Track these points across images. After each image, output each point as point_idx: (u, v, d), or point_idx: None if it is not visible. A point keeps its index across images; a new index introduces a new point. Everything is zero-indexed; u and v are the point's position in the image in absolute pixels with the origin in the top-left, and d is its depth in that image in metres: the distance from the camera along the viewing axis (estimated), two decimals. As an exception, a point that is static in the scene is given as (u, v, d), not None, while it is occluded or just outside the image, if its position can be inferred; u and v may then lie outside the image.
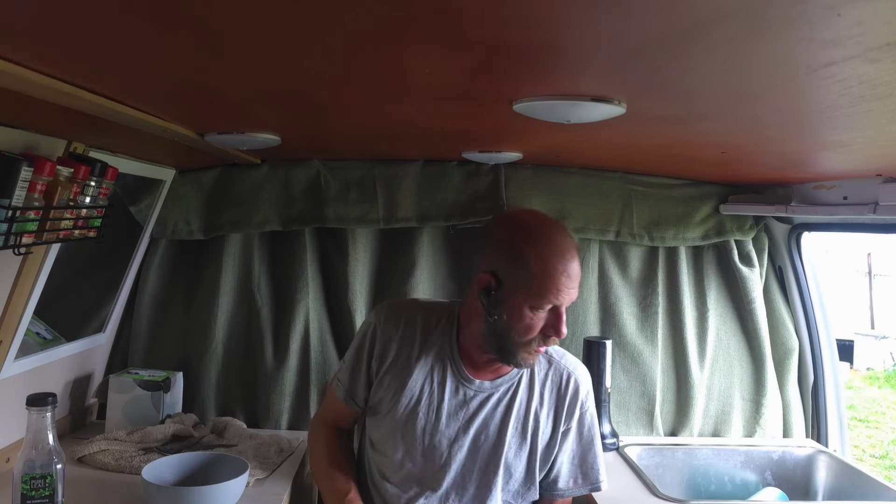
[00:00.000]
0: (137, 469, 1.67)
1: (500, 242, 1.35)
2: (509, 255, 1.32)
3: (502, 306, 1.33)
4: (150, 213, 2.09)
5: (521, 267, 1.30)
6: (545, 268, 1.29)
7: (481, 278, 1.34)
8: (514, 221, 1.40)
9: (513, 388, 1.48)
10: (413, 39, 0.78)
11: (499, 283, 1.33)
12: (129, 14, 0.70)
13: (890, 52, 0.67)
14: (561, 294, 1.31)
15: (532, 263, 1.30)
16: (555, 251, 1.31)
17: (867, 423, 6.38)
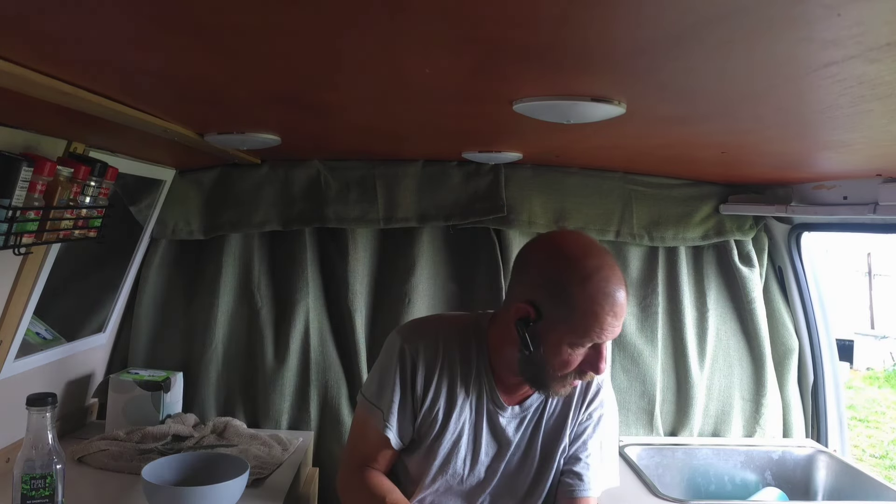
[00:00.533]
0: (137, 469, 1.66)
1: (543, 272, 1.24)
2: (552, 288, 1.22)
3: (539, 339, 1.23)
4: (150, 213, 2.09)
5: (564, 302, 1.20)
6: (591, 307, 1.19)
7: (519, 308, 1.24)
8: (559, 250, 1.26)
9: (540, 406, 1.41)
10: (413, 39, 0.78)
11: (538, 314, 1.22)
12: (130, 14, 0.70)
13: (890, 52, 0.67)
14: (605, 333, 1.21)
15: (577, 301, 1.19)
16: (603, 289, 1.19)
17: (867, 423, 6.38)
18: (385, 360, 1.40)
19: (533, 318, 1.23)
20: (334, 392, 2.21)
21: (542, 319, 1.22)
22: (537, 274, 1.25)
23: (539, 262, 1.27)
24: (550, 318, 1.22)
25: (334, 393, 2.21)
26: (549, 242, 1.32)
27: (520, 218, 2.20)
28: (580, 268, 1.21)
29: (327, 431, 2.21)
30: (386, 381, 1.37)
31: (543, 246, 1.31)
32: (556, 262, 1.23)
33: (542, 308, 1.22)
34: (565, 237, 1.34)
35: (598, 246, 1.28)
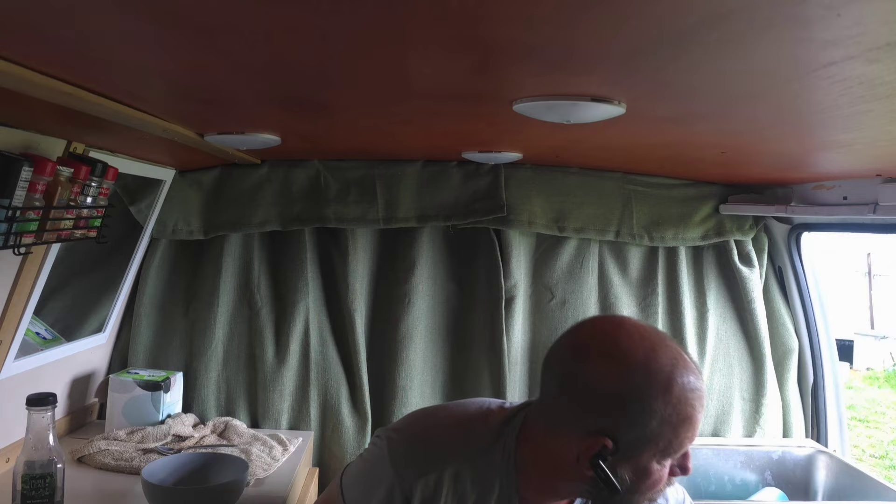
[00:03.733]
0: (137, 469, 1.67)
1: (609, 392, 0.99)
2: (628, 409, 0.98)
3: (621, 468, 1.00)
4: (150, 213, 2.09)
5: (650, 420, 0.97)
6: (684, 414, 0.98)
7: (591, 444, 0.99)
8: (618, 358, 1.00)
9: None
10: (413, 39, 0.78)
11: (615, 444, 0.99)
12: (130, 14, 0.70)
13: (890, 52, 0.67)
14: (697, 433, 1.02)
15: (667, 414, 0.97)
16: (689, 387, 0.99)
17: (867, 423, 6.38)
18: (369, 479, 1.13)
19: (611, 451, 0.99)
20: (334, 392, 2.21)
21: (621, 448, 0.99)
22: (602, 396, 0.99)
23: (596, 378, 1.00)
24: (634, 444, 0.98)
25: (334, 393, 2.21)
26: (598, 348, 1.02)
27: (520, 218, 2.20)
28: (655, 371, 0.98)
29: (327, 431, 2.21)
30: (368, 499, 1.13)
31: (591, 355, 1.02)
32: (625, 375, 0.98)
33: (620, 435, 0.98)
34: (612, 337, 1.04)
35: (654, 332, 1.05)
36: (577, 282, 2.27)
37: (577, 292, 2.27)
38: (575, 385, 1.02)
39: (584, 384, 1.01)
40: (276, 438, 1.98)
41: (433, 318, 2.27)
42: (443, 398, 2.28)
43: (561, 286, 2.28)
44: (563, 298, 2.27)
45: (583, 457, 1.00)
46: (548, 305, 2.28)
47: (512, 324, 2.24)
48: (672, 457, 1.02)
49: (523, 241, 2.28)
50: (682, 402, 0.98)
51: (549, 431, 1.07)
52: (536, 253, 2.31)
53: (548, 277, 2.28)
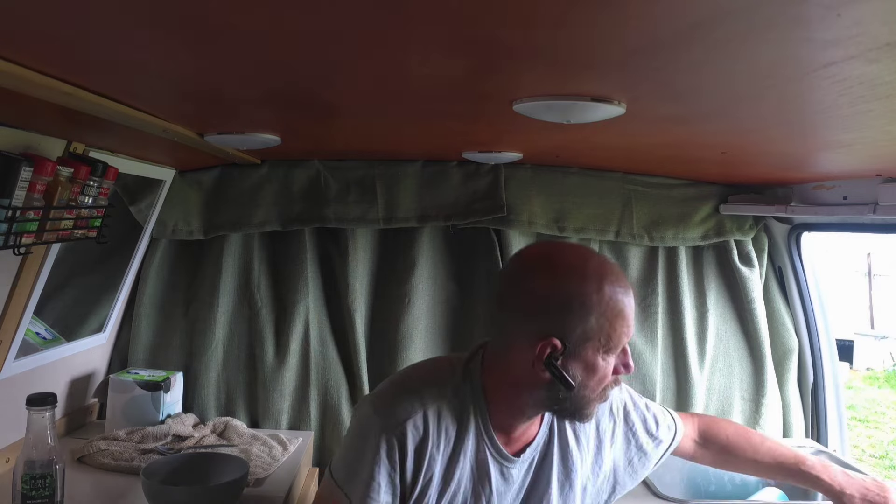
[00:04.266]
0: (137, 469, 1.67)
1: (552, 296, 1.11)
2: (570, 307, 1.10)
3: (571, 367, 1.12)
4: (150, 213, 2.09)
5: (588, 317, 1.10)
6: (616, 308, 1.11)
7: (543, 345, 1.10)
8: (555, 267, 1.15)
9: (545, 441, 1.29)
10: (413, 39, 0.78)
11: (563, 343, 1.11)
12: (130, 14, 0.70)
13: (889, 52, 0.68)
14: (632, 328, 1.15)
15: (602, 308, 1.10)
16: (617, 285, 1.12)
17: (867, 423, 6.38)
18: (359, 444, 1.18)
19: (560, 351, 1.11)
20: (334, 392, 2.21)
21: (567, 346, 1.10)
22: (544, 300, 1.12)
23: (540, 287, 1.13)
24: (578, 340, 1.11)
25: (334, 393, 2.21)
26: (538, 264, 1.18)
27: (520, 218, 2.20)
28: (587, 274, 1.12)
29: (327, 431, 2.21)
30: (360, 470, 1.16)
31: (533, 270, 1.16)
32: (562, 279, 1.12)
33: (566, 334, 1.10)
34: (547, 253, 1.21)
35: (579, 246, 1.24)
36: (577, 282, 2.27)
37: (577, 292, 2.26)
38: (519, 297, 1.16)
39: (527, 294, 1.14)
40: (276, 438, 1.98)
41: (433, 318, 2.27)
42: (443, 398, 2.28)
43: (561, 286, 2.27)
44: (563, 298, 2.27)
45: (537, 361, 1.12)
46: (548, 305, 2.28)
47: (512, 324, 2.24)
48: (613, 352, 1.14)
49: (523, 241, 2.28)
50: (614, 297, 1.12)
51: (505, 351, 1.19)
52: (536, 253, 2.31)
53: (548, 277, 2.28)
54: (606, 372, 1.15)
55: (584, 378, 1.13)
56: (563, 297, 1.11)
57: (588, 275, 1.12)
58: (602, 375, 1.15)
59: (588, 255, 1.18)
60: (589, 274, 1.12)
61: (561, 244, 1.29)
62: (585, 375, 1.13)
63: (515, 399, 1.20)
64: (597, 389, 1.16)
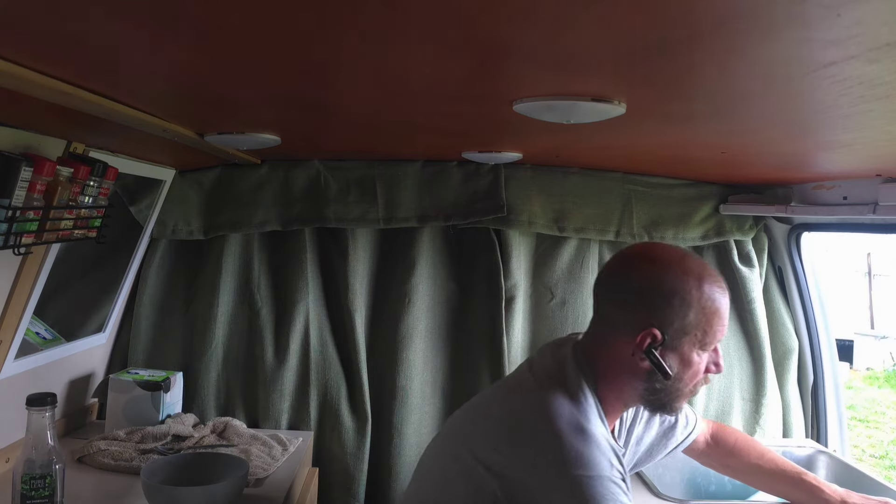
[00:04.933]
0: (137, 469, 1.67)
1: (654, 288, 1.18)
2: (671, 301, 1.16)
3: (668, 358, 1.18)
4: (150, 213, 2.09)
5: (687, 311, 1.16)
6: (714, 305, 1.18)
7: (644, 336, 1.17)
8: (658, 262, 1.21)
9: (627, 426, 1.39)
10: (413, 39, 0.78)
11: (663, 334, 1.17)
12: (130, 14, 0.70)
13: (890, 52, 0.68)
14: (726, 327, 1.21)
15: (702, 304, 1.17)
16: (716, 284, 1.19)
17: (867, 423, 6.38)
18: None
19: (660, 342, 1.17)
20: (334, 392, 2.21)
21: (667, 338, 1.17)
22: (647, 293, 1.18)
23: (643, 280, 1.20)
24: (677, 333, 1.17)
25: (334, 393, 2.21)
26: (640, 259, 1.24)
27: (520, 218, 2.20)
28: (688, 271, 1.18)
29: (327, 431, 2.21)
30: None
31: (636, 265, 1.24)
32: (664, 273, 1.18)
33: (665, 326, 1.17)
34: (650, 250, 1.29)
35: (679, 247, 1.30)
36: (577, 282, 2.27)
37: (577, 292, 2.27)
38: (621, 290, 1.22)
39: (630, 287, 1.21)
40: (276, 438, 1.97)
41: (433, 318, 2.27)
42: (443, 398, 2.28)
43: (561, 286, 2.28)
44: (563, 298, 2.27)
45: (637, 349, 1.18)
46: (548, 305, 2.28)
47: (512, 324, 2.24)
48: (707, 349, 1.20)
49: (523, 241, 2.28)
50: (712, 295, 1.18)
51: (605, 342, 1.23)
52: (536, 253, 2.31)
53: (548, 277, 2.28)
54: (699, 368, 1.21)
55: (679, 371, 1.19)
56: (665, 290, 1.17)
57: (689, 271, 1.19)
58: (695, 371, 1.21)
59: (688, 254, 1.24)
60: (690, 271, 1.19)
61: (662, 244, 1.34)
62: (681, 368, 1.19)
63: (620, 392, 1.24)
64: (689, 384, 1.22)
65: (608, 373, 1.23)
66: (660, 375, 1.18)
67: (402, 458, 2.20)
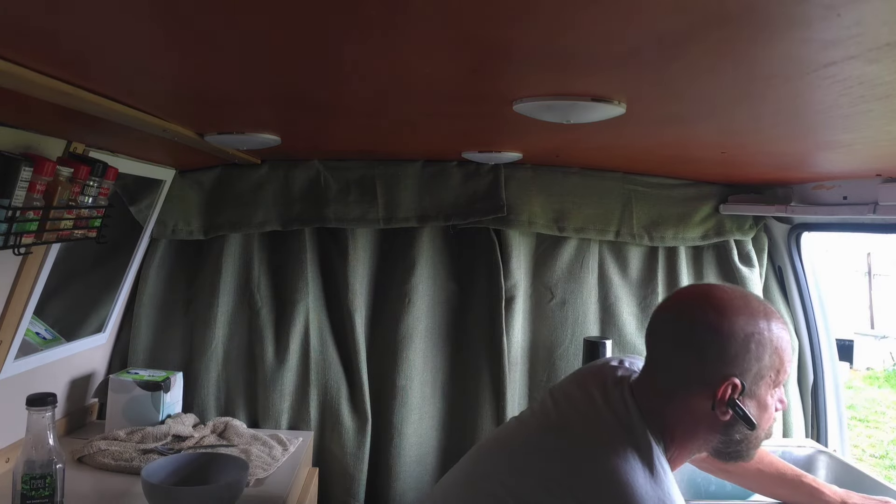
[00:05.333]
0: (137, 469, 1.67)
1: (729, 336, 1.11)
2: (746, 346, 1.11)
3: (748, 405, 1.12)
4: (150, 213, 2.09)
5: (762, 355, 1.11)
6: (783, 342, 1.13)
7: (723, 389, 1.10)
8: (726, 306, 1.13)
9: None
10: (413, 39, 0.78)
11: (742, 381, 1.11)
12: (130, 14, 0.70)
13: (890, 52, 0.67)
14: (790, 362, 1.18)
15: (774, 345, 1.12)
16: (780, 320, 1.15)
17: (867, 423, 6.38)
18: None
19: (740, 390, 1.11)
20: (334, 392, 2.21)
21: (747, 385, 1.11)
22: (721, 342, 1.11)
23: (713, 329, 1.12)
24: (755, 378, 1.12)
25: (334, 393, 2.21)
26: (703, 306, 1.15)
27: (520, 218, 2.20)
28: (756, 312, 1.13)
29: (327, 431, 2.21)
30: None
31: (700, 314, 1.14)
32: (735, 319, 1.12)
33: (745, 374, 1.11)
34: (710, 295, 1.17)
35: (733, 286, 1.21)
36: (577, 282, 2.27)
37: (577, 292, 2.27)
38: (689, 343, 1.14)
39: (699, 338, 1.12)
40: (276, 438, 1.98)
41: (433, 318, 2.27)
42: (443, 398, 2.28)
43: (561, 286, 2.28)
44: (563, 298, 2.27)
45: (719, 403, 1.11)
46: (548, 305, 2.28)
47: (512, 324, 2.24)
48: (779, 386, 1.15)
49: (523, 241, 2.28)
50: (780, 333, 1.13)
51: (675, 397, 1.14)
52: (536, 253, 2.31)
53: (548, 277, 2.28)
54: (772, 410, 1.16)
55: (758, 417, 1.13)
56: (740, 336, 1.11)
57: (756, 312, 1.13)
58: (770, 413, 1.16)
59: (748, 294, 1.19)
60: (757, 311, 1.13)
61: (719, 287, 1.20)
62: (759, 414, 1.13)
63: (689, 448, 1.17)
64: (765, 428, 1.16)
65: (678, 429, 1.14)
66: (742, 426, 1.12)
67: (402, 458, 2.20)
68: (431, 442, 2.26)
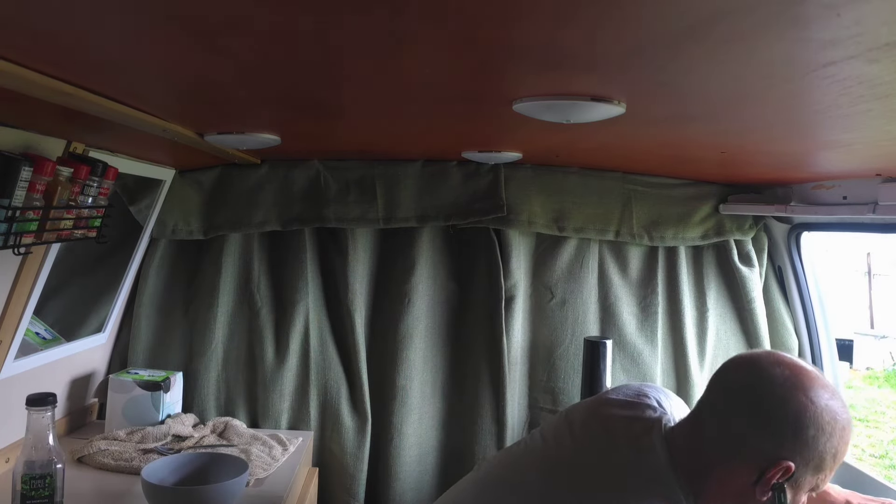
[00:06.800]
0: (137, 469, 1.67)
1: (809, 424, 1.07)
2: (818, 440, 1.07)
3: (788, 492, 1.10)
4: (150, 213, 2.09)
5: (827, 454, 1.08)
6: (841, 455, 1.10)
7: (776, 470, 1.07)
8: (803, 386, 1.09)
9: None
10: (413, 39, 0.78)
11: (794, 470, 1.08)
12: (129, 14, 0.70)
13: (889, 52, 0.68)
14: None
15: (834, 451, 1.09)
16: (849, 428, 1.10)
17: (867, 423, 6.38)
18: None
19: (789, 476, 1.08)
20: (334, 392, 2.21)
21: (796, 475, 1.08)
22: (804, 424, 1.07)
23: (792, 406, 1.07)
24: (807, 468, 1.08)
25: (334, 393, 2.21)
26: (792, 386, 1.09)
27: (520, 218, 2.20)
28: (838, 413, 1.09)
29: (327, 431, 2.22)
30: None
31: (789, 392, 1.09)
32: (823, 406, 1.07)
33: (801, 464, 1.08)
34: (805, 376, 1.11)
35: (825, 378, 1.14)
36: (576, 281, 2.27)
37: (576, 292, 2.27)
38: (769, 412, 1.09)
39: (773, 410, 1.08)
40: (276, 438, 1.98)
41: (433, 318, 2.27)
42: (443, 398, 2.28)
43: (561, 286, 2.28)
44: (563, 298, 2.27)
45: (765, 483, 1.08)
46: (548, 305, 2.28)
47: (512, 323, 2.24)
48: (816, 489, 1.12)
49: (523, 240, 2.28)
50: (846, 441, 1.09)
51: (719, 459, 1.11)
52: (536, 253, 2.31)
53: (548, 277, 2.28)
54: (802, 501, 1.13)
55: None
56: (819, 422, 1.07)
57: (838, 413, 1.08)
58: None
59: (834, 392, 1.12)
60: (839, 413, 1.08)
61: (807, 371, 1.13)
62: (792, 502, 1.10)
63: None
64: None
65: (710, 491, 1.11)
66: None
67: (402, 458, 2.20)
68: (431, 442, 2.26)
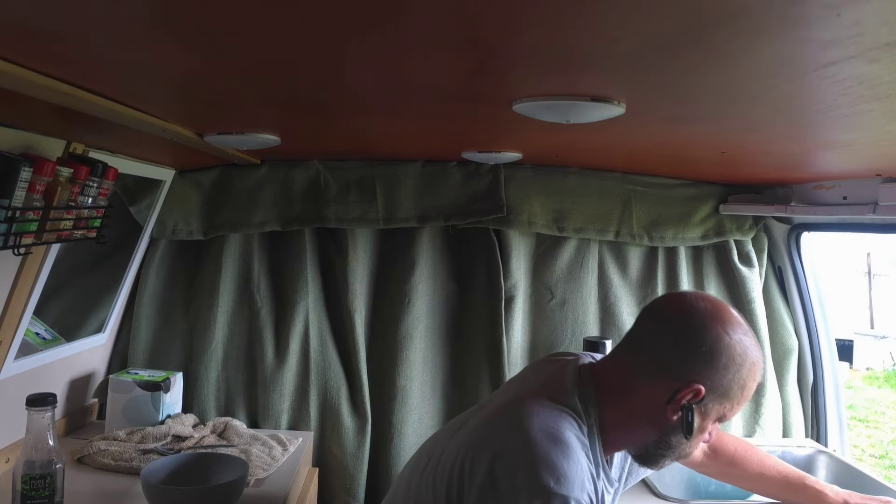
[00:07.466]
0: (137, 469, 1.67)
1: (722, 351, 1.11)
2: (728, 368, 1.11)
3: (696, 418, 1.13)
4: (150, 213, 2.09)
5: (737, 385, 1.13)
6: (752, 383, 1.15)
7: (687, 390, 1.11)
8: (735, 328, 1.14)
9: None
10: (413, 40, 0.78)
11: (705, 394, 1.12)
12: (130, 14, 0.70)
13: (889, 52, 0.68)
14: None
15: (748, 384, 1.14)
16: (759, 365, 1.15)
17: (867, 423, 6.38)
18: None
19: (699, 400, 1.12)
20: (334, 392, 2.21)
21: (705, 400, 1.12)
22: (713, 351, 1.11)
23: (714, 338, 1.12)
24: (716, 398, 1.13)
25: (334, 393, 2.21)
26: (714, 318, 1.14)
27: (519, 218, 2.21)
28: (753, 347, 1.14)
29: (327, 431, 2.22)
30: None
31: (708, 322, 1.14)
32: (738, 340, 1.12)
33: (711, 389, 1.12)
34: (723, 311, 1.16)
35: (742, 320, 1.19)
36: (576, 282, 2.27)
37: (576, 292, 2.27)
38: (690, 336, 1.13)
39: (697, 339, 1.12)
40: (276, 438, 1.98)
41: (433, 318, 2.27)
42: (443, 398, 2.28)
43: (561, 286, 2.28)
44: (563, 298, 2.27)
45: (674, 403, 1.12)
46: (548, 305, 2.28)
47: (512, 324, 2.24)
48: (723, 420, 1.16)
49: (523, 241, 2.28)
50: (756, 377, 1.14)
51: (637, 377, 1.16)
52: (536, 253, 2.31)
53: (547, 277, 2.28)
54: (706, 434, 1.17)
55: (697, 431, 1.14)
56: (730, 357, 1.11)
57: (753, 348, 1.14)
58: (703, 436, 1.17)
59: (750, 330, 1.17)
60: (754, 347, 1.14)
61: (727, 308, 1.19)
62: (699, 430, 1.14)
63: (629, 434, 1.18)
64: (694, 445, 1.18)
65: (624, 406, 1.16)
66: (681, 433, 1.13)
67: (402, 458, 2.20)
68: (431, 442, 2.26)
